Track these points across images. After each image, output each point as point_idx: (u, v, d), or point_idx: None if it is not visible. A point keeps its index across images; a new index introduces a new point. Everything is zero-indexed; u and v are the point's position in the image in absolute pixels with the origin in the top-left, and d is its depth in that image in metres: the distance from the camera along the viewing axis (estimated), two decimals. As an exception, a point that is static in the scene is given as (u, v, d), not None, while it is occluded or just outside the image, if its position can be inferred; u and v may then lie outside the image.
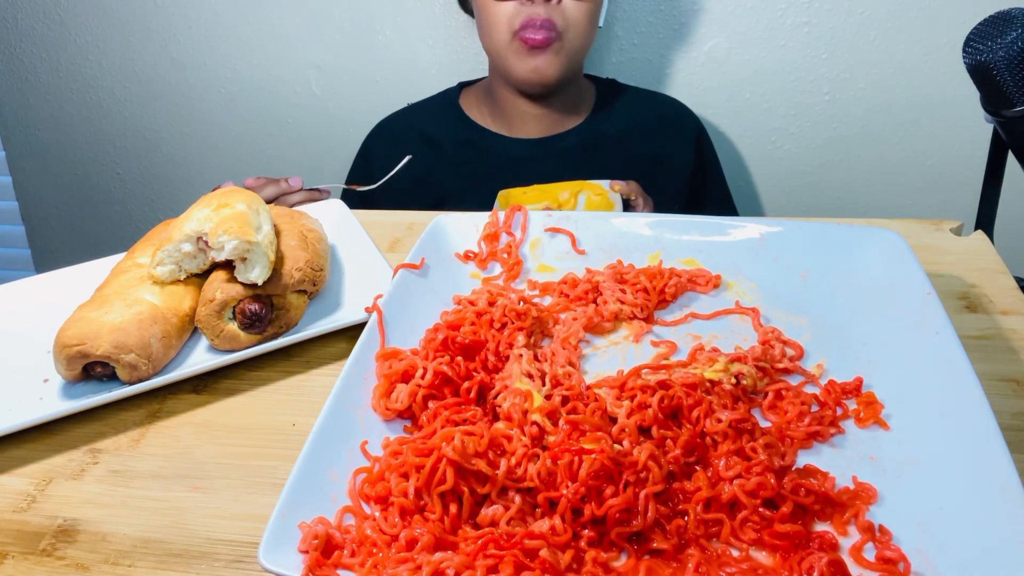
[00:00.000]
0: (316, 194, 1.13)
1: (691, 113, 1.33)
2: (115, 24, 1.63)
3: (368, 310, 0.66)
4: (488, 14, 1.15)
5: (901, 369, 0.59)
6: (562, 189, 1.07)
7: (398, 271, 0.71)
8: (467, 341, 0.63)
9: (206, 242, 0.70)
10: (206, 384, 0.71)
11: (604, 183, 1.07)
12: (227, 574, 0.53)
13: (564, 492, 0.50)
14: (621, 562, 0.48)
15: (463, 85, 1.37)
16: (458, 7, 1.39)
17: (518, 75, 1.17)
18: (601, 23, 1.20)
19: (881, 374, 0.60)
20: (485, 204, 1.10)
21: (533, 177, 1.20)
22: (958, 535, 0.46)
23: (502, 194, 1.07)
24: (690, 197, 1.30)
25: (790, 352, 0.64)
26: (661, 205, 1.15)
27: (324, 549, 0.48)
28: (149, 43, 1.64)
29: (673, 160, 1.29)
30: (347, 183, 1.35)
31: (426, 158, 1.28)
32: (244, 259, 0.70)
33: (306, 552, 0.47)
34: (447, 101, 1.35)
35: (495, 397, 0.60)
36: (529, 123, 1.27)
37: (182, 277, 0.73)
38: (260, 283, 0.70)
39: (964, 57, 0.74)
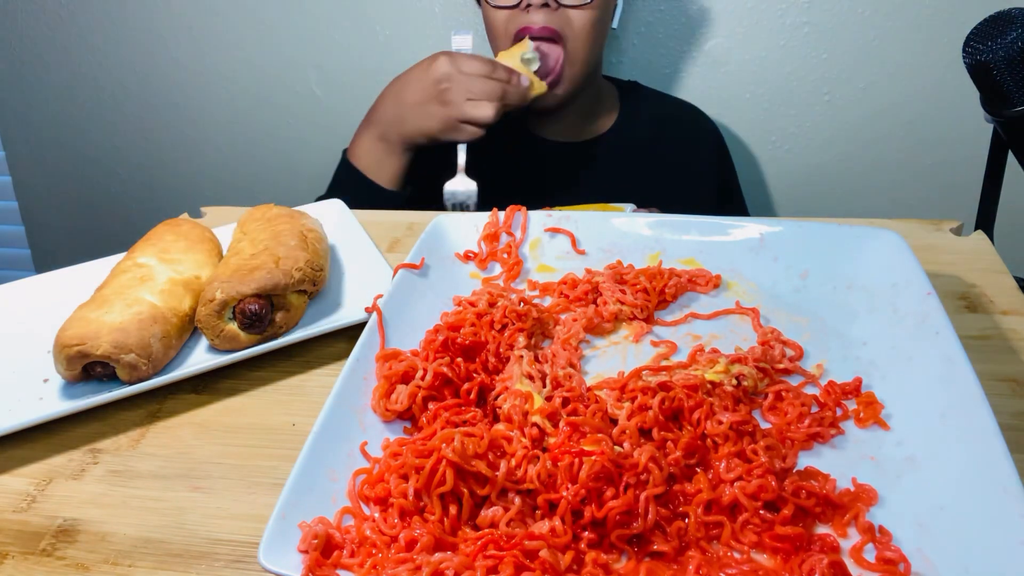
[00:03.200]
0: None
1: (710, 120, 1.33)
2: (115, 24, 1.63)
3: (368, 310, 0.66)
4: (489, 20, 1.15)
5: (901, 369, 0.59)
6: (584, 211, 1.07)
7: (398, 271, 0.71)
8: (467, 342, 0.63)
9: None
10: (206, 384, 0.71)
11: (628, 207, 1.07)
12: (227, 574, 0.53)
13: (564, 494, 0.50)
14: (621, 564, 0.48)
15: None
16: (459, 5, 1.39)
17: None
18: (615, 25, 1.19)
19: (881, 374, 0.60)
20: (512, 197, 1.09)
21: (563, 182, 1.20)
22: (958, 535, 0.46)
23: None
24: (717, 206, 1.29)
25: (789, 352, 0.64)
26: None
27: (324, 549, 0.48)
28: (149, 43, 1.64)
29: (699, 169, 1.29)
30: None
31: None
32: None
33: (306, 552, 0.47)
34: None
35: (495, 398, 0.59)
36: (550, 125, 1.25)
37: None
38: None
39: (964, 57, 0.74)
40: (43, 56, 1.70)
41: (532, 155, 1.25)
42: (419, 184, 1.14)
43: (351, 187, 1.11)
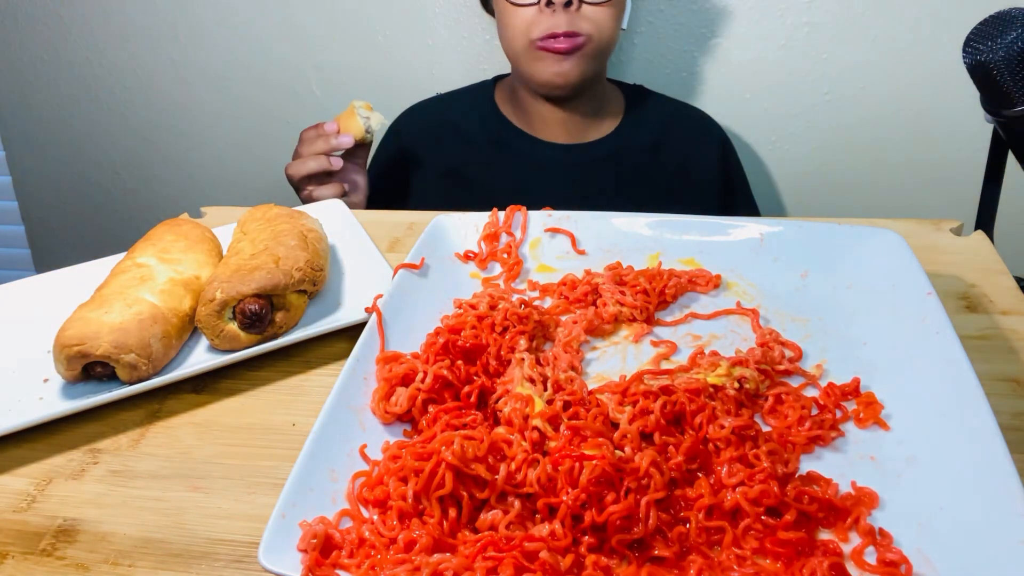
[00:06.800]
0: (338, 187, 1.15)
1: (716, 124, 1.33)
2: (115, 24, 1.63)
3: (368, 310, 0.66)
4: (507, 19, 1.14)
5: (901, 369, 0.59)
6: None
7: (398, 271, 0.71)
8: (468, 345, 0.62)
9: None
10: (206, 384, 0.71)
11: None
12: (227, 574, 0.53)
13: (564, 498, 0.49)
14: (622, 568, 0.48)
15: (498, 79, 1.34)
16: (459, 6, 1.39)
17: (539, 78, 1.15)
18: (625, 25, 1.19)
19: (881, 374, 0.60)
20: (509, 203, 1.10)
21: (561, 183, 1.20)
22: (958, 535, 0.46)
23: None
24: (720, 209, 1.29)
25: (788, 354, 0.63)
26: None
27: (323, 549, 0.48)
28: (149, 43, 1.63)
29: (700, 173, 1.28)
30: (371, 166, 1.33)
31: (457, 151, 1.26)
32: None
33: (305, 551, 0.47)
34: (482, 94, 1.32)
35: (496, 402, 0.59)
36: (553, 127, 1.25)
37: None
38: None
39: (964, 57, 0.74)
40: (43, 56, 1.70)
41: (532, 157, 1.25)
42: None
43: None
